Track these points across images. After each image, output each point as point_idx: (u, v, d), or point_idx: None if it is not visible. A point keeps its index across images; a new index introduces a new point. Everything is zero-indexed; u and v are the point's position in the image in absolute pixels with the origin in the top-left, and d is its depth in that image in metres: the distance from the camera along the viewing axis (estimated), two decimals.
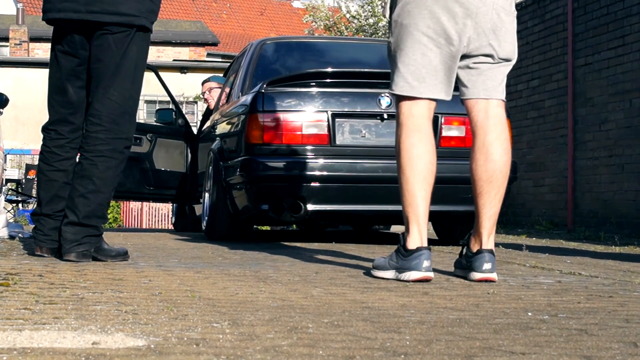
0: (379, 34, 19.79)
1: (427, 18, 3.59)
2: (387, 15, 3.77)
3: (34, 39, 30.98)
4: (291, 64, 7.28)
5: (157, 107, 15.17)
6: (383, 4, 3.80)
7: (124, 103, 4.23)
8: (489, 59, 3.69)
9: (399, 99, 3.65)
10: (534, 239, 8.13)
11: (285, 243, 6.25)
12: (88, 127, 4.21)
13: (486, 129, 3.66)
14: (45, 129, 4.41)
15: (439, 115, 5.96)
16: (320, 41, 8.81)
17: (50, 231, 4.29)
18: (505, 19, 3.69)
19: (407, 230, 3.54)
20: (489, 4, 3.63)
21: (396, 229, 9.45)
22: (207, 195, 6.89)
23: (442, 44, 3.60)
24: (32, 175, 20.69)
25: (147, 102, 25.55)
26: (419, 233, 3.52)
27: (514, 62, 3.76)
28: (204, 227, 6.90)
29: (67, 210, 4.16)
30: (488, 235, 3.63)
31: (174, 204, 9.86)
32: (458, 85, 3.75)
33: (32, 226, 4.56)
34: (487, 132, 3.65)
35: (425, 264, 3.48)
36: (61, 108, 4.37)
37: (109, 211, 24.22)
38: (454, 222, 6.73)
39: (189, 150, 8.33)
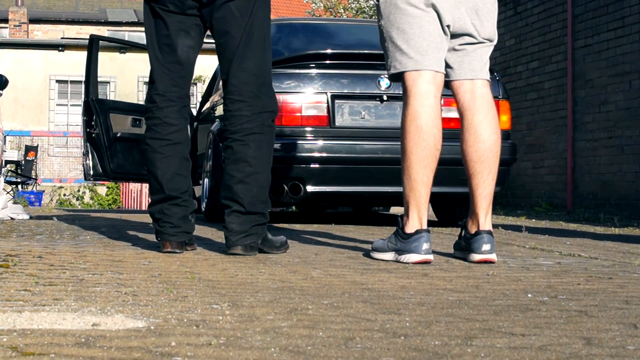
0: None
1: None
2: None
3: (33, 21, 30.90)
4: (291, 45, 7.25)
5: None
6: None
7: (261, 74, 3.80)
8: (472, 39, 3.68)
9: (403, 76, 3.61)
10: (534, 220, 8.14)
11: (285, 225, 6.25)
12: (229, 106, 3.79)
13: (473, 109, 3.65)
14: (150, 99, 3.92)
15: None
16: (319, 22, 8.77)
17: (180, 221, 3.76)
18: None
19: (407, 214, 3.53)
20: None
21: (396, 210, 9.45)
22: (206, 176, 6.89)
23: (435, 18, 3.59)
24: (31, 156, 20.72)
25: (147, 83, 25.51)
26: (418, 218, 3.51)
27: (495, 42, 3.76)
28: (203, 209, 6.90)
29: (227, 201, 3.74)
30: (485, 216, 3.62)
31: None
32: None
33: (32, 208, 4.50)
34: (475, 112, 3.64)
35: (425, 246, 3.47)
36: (171, 68, 3.86)
37: (108, 192, 24.28)
38: (453, 204, 6.73)
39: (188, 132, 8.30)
